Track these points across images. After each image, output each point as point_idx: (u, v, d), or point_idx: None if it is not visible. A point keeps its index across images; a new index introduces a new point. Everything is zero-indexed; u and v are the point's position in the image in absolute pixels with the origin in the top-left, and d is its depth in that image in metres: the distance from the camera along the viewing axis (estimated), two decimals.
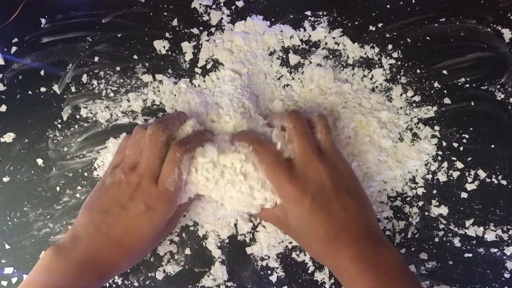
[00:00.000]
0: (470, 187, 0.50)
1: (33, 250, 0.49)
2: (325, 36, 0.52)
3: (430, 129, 0.51)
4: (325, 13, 0.53)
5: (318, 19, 0.53)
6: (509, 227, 0.49)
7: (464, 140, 0.50)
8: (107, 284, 0.48)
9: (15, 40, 0.52)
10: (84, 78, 0.51)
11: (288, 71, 0.51)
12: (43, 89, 0.51)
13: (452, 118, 0.51)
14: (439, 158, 0.50)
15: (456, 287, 0.48)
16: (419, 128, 0.51)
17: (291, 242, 0.49)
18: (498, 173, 0.50)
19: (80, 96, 0.51)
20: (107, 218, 0.41)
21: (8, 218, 0.49)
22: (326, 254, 0.41)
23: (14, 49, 0.52)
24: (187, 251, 0.49)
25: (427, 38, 0.52)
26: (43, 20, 0.52)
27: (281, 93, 0.51)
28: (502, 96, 0.51)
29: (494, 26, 0.52)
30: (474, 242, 0.49)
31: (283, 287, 0.48)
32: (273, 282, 0.48)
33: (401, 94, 0.51)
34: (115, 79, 0.51)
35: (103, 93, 0.51)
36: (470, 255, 0.49)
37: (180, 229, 0.49)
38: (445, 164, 0.50)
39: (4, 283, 0.48)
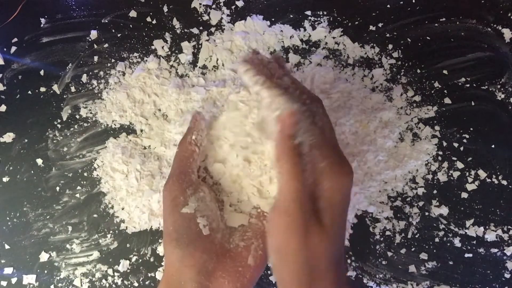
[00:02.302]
0: (470, 187, 0.50)
1: (33, 250, 0.49)
2: (325, 36, 0.52)
3: (430, 129, 0.50)
4: (325, 13, 0.53)
5: (318, 19, 0.53)
6: (509, 227, 0.49)
7: (465, 140, 0.50)
8: (107, 284, 0.48)
9: (15, 40, 0.52)
10: (84, 78, 0.51)
11: None
12: (43, 89, 0.51)
13: (452, 118, 0.51)
14: (440, 158, 0.50)
15: (456, 287, 0.48)
16: (420, 128, 0.51)
17: None
18: (498, 173, 0.50)
19: (80, 96, 0.51)
20: None
21: (8, 218, 0.49)
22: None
23: (14, 49, 0.52)
24: None
25: (427, 38, 0.52)
26: (43, 20, 0.52)
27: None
28: (502, 96, 0.51)
29: (494, 26, 0.52)
30: (475, 242, 0.49)
31: None
32: (273, 282, 0.48)
33: (401, 94, 0.51)
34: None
35: (103, 93, 0.51)
36: (471, 255, 0.49)
37: None
38: (445, 164, 0.50)
39: (4, 283, 0.48)
